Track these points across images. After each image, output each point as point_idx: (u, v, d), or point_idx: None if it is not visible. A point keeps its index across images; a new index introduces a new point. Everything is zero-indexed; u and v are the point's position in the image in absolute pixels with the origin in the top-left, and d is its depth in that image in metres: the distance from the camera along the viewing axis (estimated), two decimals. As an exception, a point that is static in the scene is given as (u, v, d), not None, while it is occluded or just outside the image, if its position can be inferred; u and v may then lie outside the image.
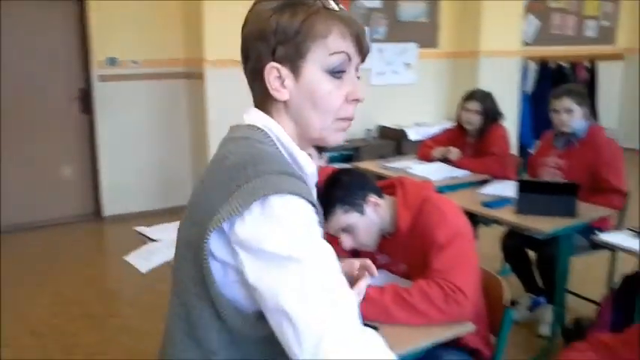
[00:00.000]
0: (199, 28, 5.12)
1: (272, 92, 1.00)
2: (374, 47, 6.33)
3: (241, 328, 0.97)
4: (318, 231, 0.92)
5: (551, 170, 3.37)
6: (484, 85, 6.60)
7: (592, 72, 7.93)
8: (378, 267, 1.44)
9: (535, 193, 2.92)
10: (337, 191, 1.94)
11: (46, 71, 5.21)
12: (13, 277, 4.18)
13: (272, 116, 1.03)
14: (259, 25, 1.00)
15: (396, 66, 6.53)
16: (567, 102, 3.26)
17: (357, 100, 1.02)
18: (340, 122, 1.03)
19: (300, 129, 1.03)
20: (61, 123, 5.35)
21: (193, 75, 5.43)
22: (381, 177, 3.61)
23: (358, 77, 1.05)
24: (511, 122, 6.76)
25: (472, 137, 3.86)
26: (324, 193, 1.97)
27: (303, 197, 0.91)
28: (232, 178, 0.92)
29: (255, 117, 1.05)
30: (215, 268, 0.95)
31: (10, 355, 3.17)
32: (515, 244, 3.39)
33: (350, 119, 1.04)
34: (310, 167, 1.05)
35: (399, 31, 6.42)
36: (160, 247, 2.48)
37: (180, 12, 5.44)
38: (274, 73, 0.99)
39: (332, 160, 5.87)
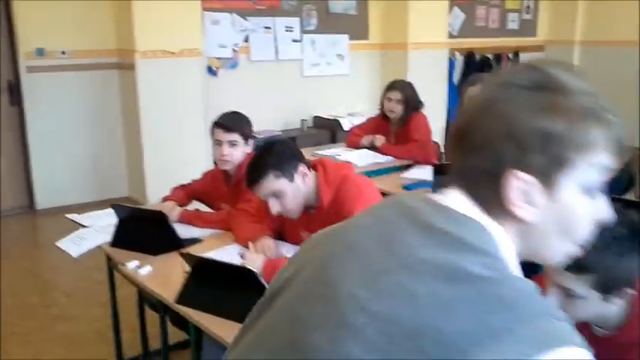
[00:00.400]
0: (129, 18, 5.12)
1: (509, 207, 0.79)
2: (306, 39, 6.49)
3: None
4: None
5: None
6: (413, 76, 6.85)
7: (515, 62, 8.35)
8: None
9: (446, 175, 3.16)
10: (271, 158, 2.11)
11: (-28, 63, 5.12)
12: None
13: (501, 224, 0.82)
14: (510, 122, 0.77)
15: (330, 57, 6.70)
16: None
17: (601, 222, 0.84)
18: (577, 247, 0.84)
19: (528, 250, 0.83)
20: (-11, 115, 5.27)
21: (124, 66, 5.43)
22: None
23: None
24: (439, 111, 7.07)
25: (395, 125, 4.07)
26: (258, 159, 2.13)
27: (586, 349, 0.72)
28: (496, 311, 0.70)
29: (487, 222, 0.80)
30: None
31: (-58, 347, 3.18)
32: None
33: (585, 244, 0.85)
34: None
35: (330, 23, 6.59)
36: (90, 232, 2.57)
37: (109, 2, 5.43)
38: (519, 185, 0.78)
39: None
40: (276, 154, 2.13)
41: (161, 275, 2.06)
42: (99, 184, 5.68)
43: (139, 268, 2.12)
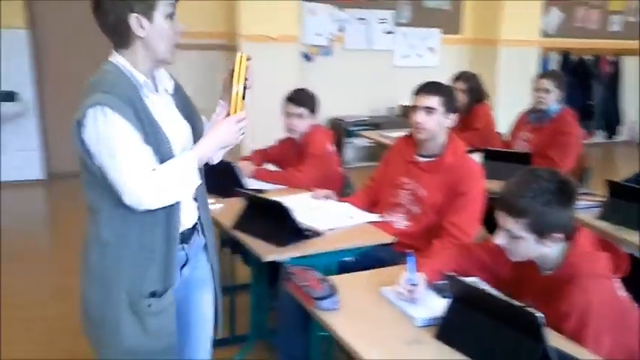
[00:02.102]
0: (236, 5, 5.76)
1: (136, 33, 1.56)
2: (399, 31, 6.87)
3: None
4: (126, 135, 1.51)
5: (522, 143, 3.90)
6: (502, 72, 7.04)
7: (616, 66, 8.22)
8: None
9: (496, 161, 3.48)
10: (446, 91, 2.67)
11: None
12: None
13: (129, 52, 1.60)
14: None
15: (420, 50, 7.04)
16: (547, 83, 3.78)
17: (179, 32, 1.66)
18: (175, 48, 1.65)
19: (152, 55, 1.61)
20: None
21: (230, 47, 6.09)
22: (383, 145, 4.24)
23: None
24: (521, 108, 7.14)
25: (460, 114, 4.39)
26: (435, 84, 2.68)
27: (116, 110, 1.49)
28: (86, 92, 1.53)
29: (113, 56, 1.62)
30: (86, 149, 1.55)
31: None
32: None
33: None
34: (141, 77, 1.61)
35: (423, 17, 6.94)
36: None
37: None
38: (136, 22, 1.55)
39: (353, 130, 6.45)
40: (449, 93, 2.66)
41: (229, 211, 2.59)
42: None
43: (213, 205, 2.66)
